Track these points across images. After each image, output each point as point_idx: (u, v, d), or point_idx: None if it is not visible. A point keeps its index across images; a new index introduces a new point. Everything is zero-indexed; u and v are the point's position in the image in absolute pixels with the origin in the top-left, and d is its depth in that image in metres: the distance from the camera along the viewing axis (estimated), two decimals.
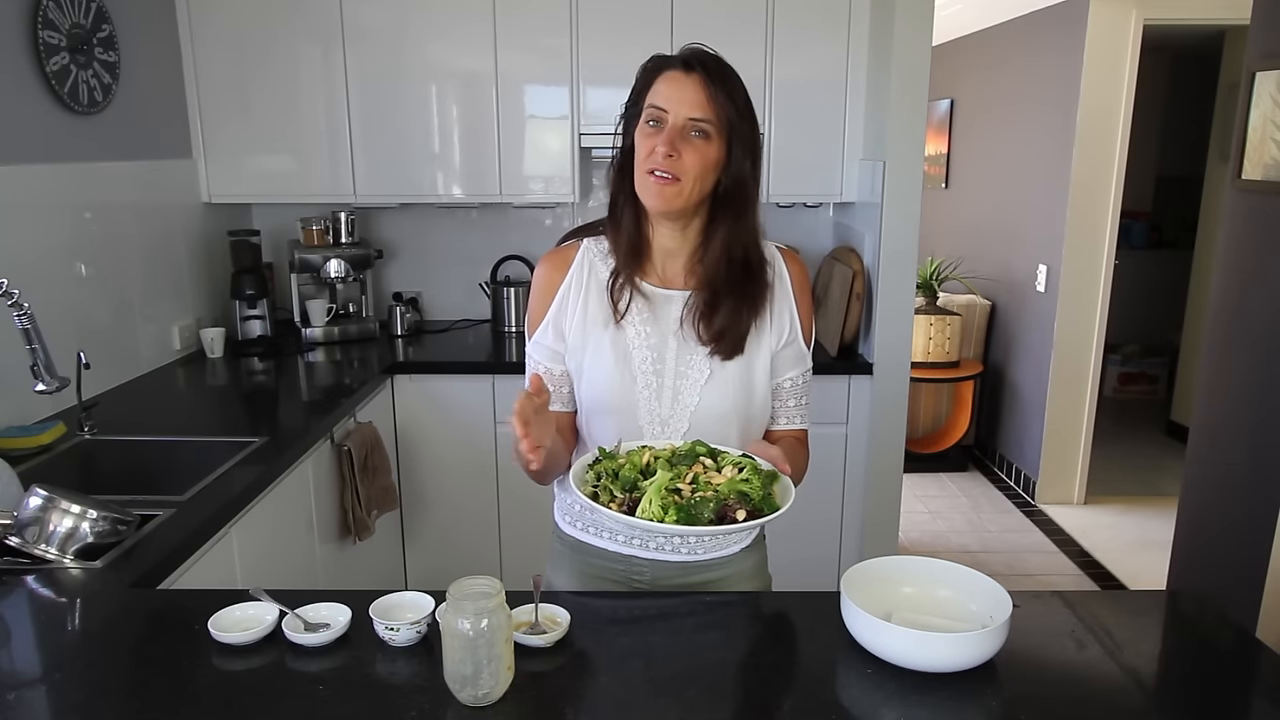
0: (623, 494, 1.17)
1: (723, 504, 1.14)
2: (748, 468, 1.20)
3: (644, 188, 1.30)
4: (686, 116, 1.26)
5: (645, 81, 1.31)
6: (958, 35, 5.22)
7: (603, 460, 1.24)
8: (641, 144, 1.29)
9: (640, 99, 1.31)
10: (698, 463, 1.21)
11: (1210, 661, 1.23)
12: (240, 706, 1.06)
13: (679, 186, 1.27)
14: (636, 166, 1.30)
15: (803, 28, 2.89)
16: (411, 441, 2.91)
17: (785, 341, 1.40)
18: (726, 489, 1.15)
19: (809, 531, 2.90)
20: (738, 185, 1.32)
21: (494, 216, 3.43)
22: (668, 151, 1.25)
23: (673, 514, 1.12)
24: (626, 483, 1.18)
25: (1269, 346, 2.36)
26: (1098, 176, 3.94)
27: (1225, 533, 2.55)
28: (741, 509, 1.14)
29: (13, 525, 1.44)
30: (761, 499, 1.16)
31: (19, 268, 2.07)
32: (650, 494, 1.14)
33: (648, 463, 1.21)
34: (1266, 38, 2.46)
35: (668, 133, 1.26)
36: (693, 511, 1.12)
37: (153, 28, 2.77)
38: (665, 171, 1.26)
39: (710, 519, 1.13)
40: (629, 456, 1.23)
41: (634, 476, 1.18)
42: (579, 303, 1.38)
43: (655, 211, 1.32)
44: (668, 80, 1.28)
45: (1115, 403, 5.73)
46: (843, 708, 1.07)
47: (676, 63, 1.29)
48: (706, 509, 1.13)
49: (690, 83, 1.27)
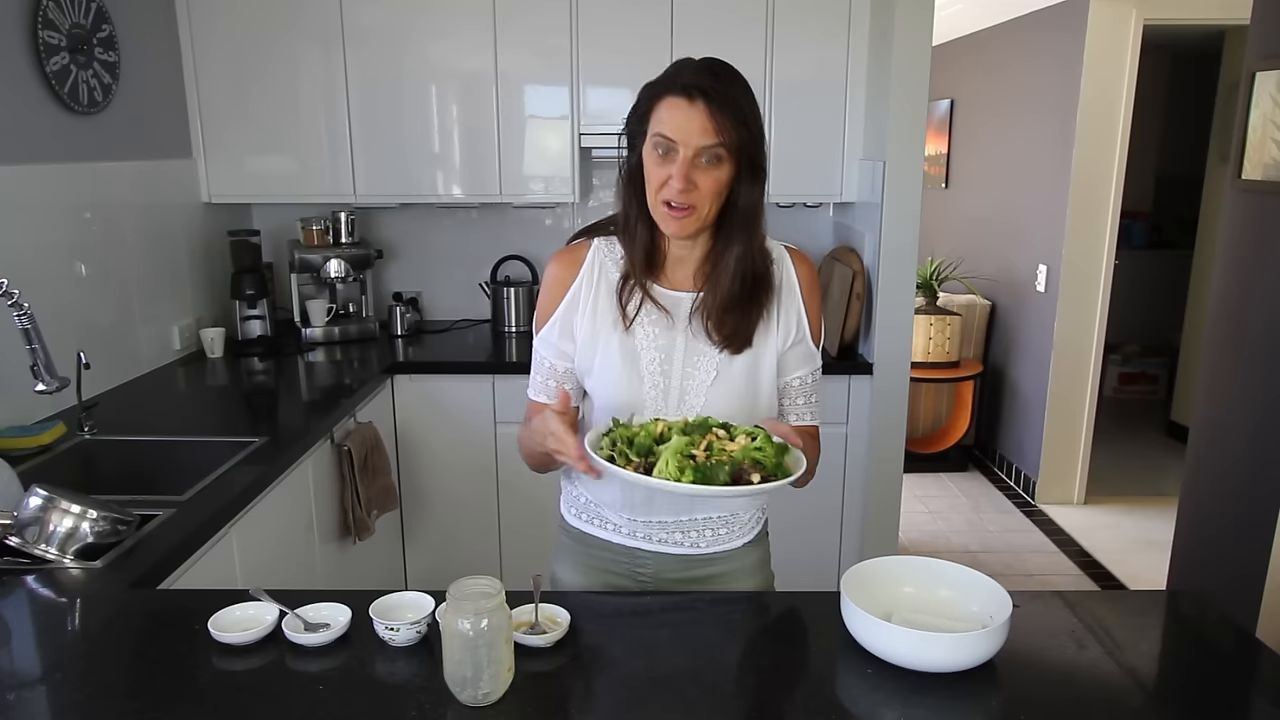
0: (639, 458, 1.18)
1: (738, 468, 1.15)
2: (760, 437, 1.21)
3: (661, 218, 1.30)
4: (697, 145, 1.24)
5: (648, 104, 1.29)
6: (958, 35, 5.22)
7: (617, 429, 1.25)
8: (653, 171, 1.28)
9: (644, 120, 1.29)
10: (711, 432, 1.22)
11: (1210, 661, 1.23)
12: (240, 706, 1.06)
13: (695, 213, 1.28)
14: (650, 191, 1.30)
15: (803, 28, 2.89)
16: (411, 441, 2.91)
17: (793, 341, 1.40)
18: (741, 455, 1.17)
19: (809, 531, 2.90)
20: (746, 211, 1.32)
21: (494, 216, 3.43)
22: (682, 186, 1.25)
23: (689, 474, 1.13)
24: (642, 449, 1.19)
25: (1269, 346, 2.36)
26: (1098, 176, 3.94)
27: (1225, 533, 2.55)
28: (756, 473, 1.15)
29: (13, 525, 1.44)
30: (775, 466, 1.17)
31: (19, 268, 2.06)
32: (667, 455, 1.15)
33: (662, 432, 1.22)
34: (1266, 38, 2.46)
35: (681, 166, 1.24)
36: (709, 473, 1.13)
37: (153, 28, 2.77)
38: (680, 203, 1.26)
39: (726, 481, 1.14)
40: (643, 426, 1.24)
41: (649, 444, 1.20)
42: (589, 303, 1.39)
43: (672, 236, 1.33)
44: (672, 108, 1.25)
45: (1115, 403, 5.73)
46: (843, 708, 1.07)
47: (678, 89, 1.25)
48: (722, 471, 1.15)
49: (695, 111, 1.24)
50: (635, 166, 1.33)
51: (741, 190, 1.30)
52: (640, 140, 1.31)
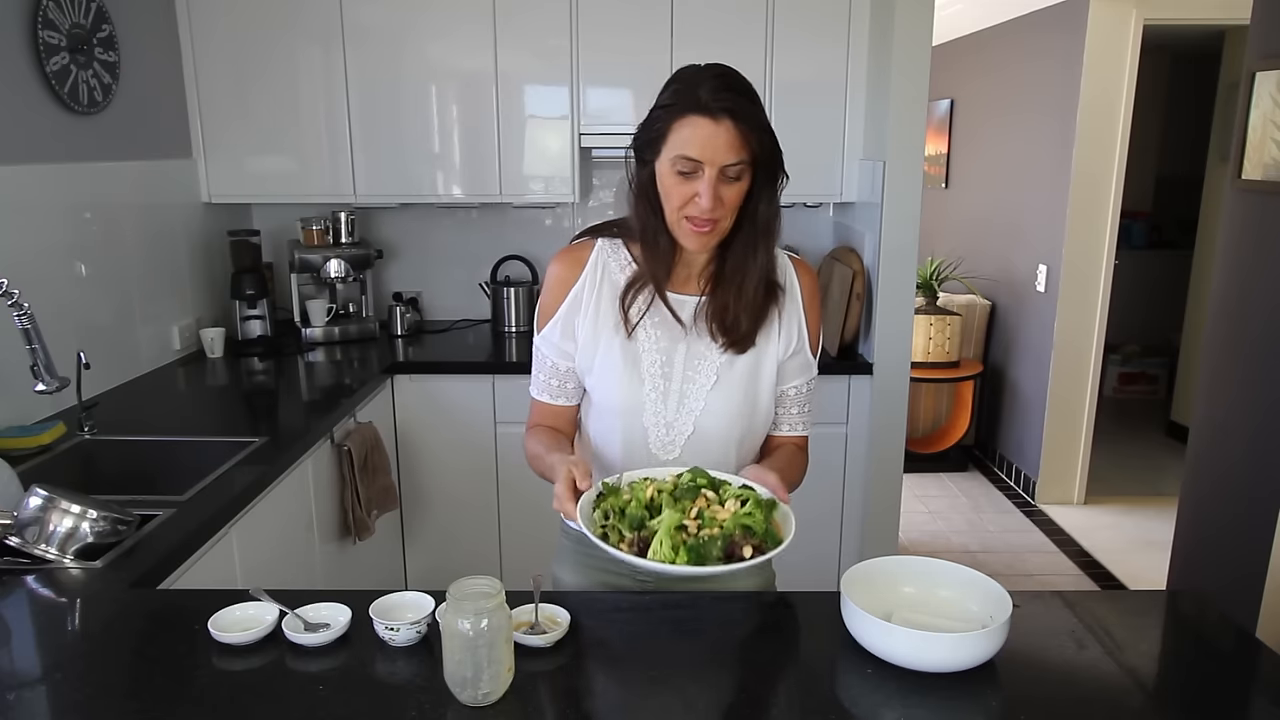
0: (631, 533, 1.19)
1: (729, 540, 1.17)
2: (750, 500, 1.23)
3: (682, 232, 1.30)
4: (723, 164, 1.24)
5: (666, 124, 1.25)
6: (958, 35, 5.22)
7: (608, 497, 1.25)
8: (675, 190, 1.27)
9: (662, 137, 1.26)
10: (700, 496, 1.24)
11: (1210, 661, 1.23)
12: (240, 706, 1.06)
13: (718, 227, 1.29)
14: (669, 205, 1.29)
15: (803, 28, 2.89)
16: (411, 441, 2.91)
17: (792, 350, 1.41)
18: (731, 524, 1.18)
19: (809, 531, 2.88)
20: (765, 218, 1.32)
21: (494, 216, 3.43)
22: (710, 205, 1.24)
23: (683, 555, 1.15)
24: (634, 520, 1.20)
25: (1269, 346, 2.36)
26: (1098, 176, 3.94)
27: (1225, 533, 2.55)
28: (748, 544, 1.17)
29: (13, 525, 1.44)
30: (765, 533, 1.19)
31: (19, 268, 2.06)
32: (660, 535, 1.17)
33: (652, 497, 1.23)
34: (1266, 38, 2.46)
35: (709, 185, 1.24)
36: (702, 551, 1.15)
37: (153, 28, 2.77)
38: (706, 219, 1.26)
39: (718, 557, 1.16)
40: (633, 491, 1.25)
41: (640, 514, 1.21)
42: (591, 304, 1.38)
43: (695, 251, 1.34)
44: (695, 127, 1.23)
45: (1115, 403, 5.73)
46: (843, 708, 1.07)
47: (700, 109, 1.22)
48: (715, 547, 1.16)
49: (721, 129, 1.22)
50: (648, 182, 1.31)
51: (762, 197, 1.31)
52: (652, 158, 1.29)
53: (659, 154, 1.28)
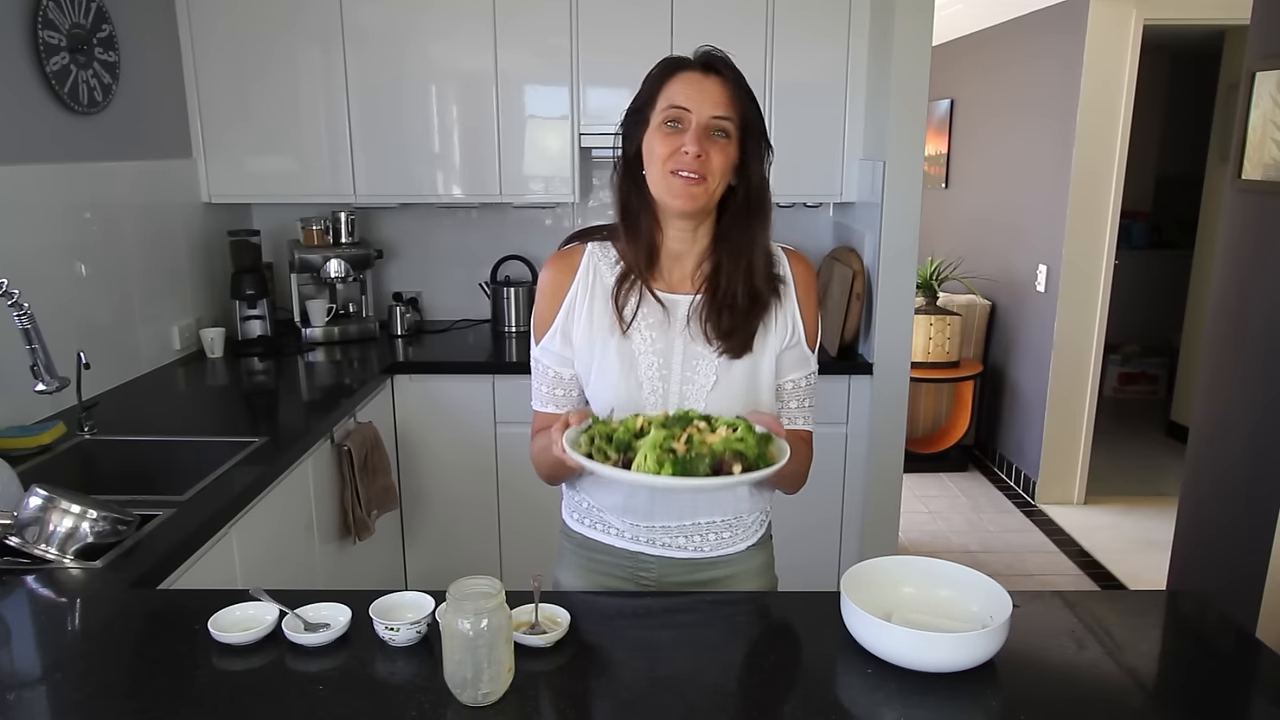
0: (617, 454, 1.16)
1: (718, 460, 1.13)
2: (742, 427, 1.19)
3: (669, 188, 1.29)
4: (710, 115, 1.26)
5: (657, 83, 1.31)
6: (957, 35, 5.22)
7: (596, 425, 1.22)
8: (661, 144, 1.28)
9: (651, 102, 1.30)
10: (692, 425, 1.20)
11: (1210, 661, 1.23)
12: (240, 706, 1.06)
13: (705, 185, 1.28)
14: (655, 168, 1.29)
15: (803, 28, 2.89)
16: (411, 441, 2.91)
17: (788, 344, 1.39)
18: (722, 446, 1.14)
19: (809, 531, 2.90)
20: (757, 191, 1.33)
21: (494, 216, 3.43)
22: (697, 152, 1.25)
23: (668, 467, 1.11)
24: (620, 444, 1.17)
25: (1269, 346, 2.36)
26: (1098, 176, 3.94)
27: (1225, 533, 2.55)
28: (738, 464, 1.13)
29: (13, 525, 1.44)
30: (757, 456, 1.15)
31: (19, 268, 2.06)
32: (645, 449, 1.13)
33: (641, 426, 1.20)
34: (1266, 38, 2.46)
35: (694, 132, 1.26)
36: (688, 465, 1.11)
37: (153, 28, 2.77)
38: (692, 172, 1.26)
39: (706, 473, 1.12)
40: (623, 422, 1.22)
41: (628, 439, 1.17)
42: (585, 308, 1.38)
43: (680, 212, 1.31)
44: (686, 80, 1.28)
45: (1115, 403, 5.73)
46: (843, 708, 1.07)
47: (694, 64, 1.30)
48: (702, 464, 1.12)
49: (710, 83, 1.28)
50: (633, 156, 1.33)
51: (748, 177, 1.32)
52: (641, 129, 1.31)
53: (648, 121, 1.30)
